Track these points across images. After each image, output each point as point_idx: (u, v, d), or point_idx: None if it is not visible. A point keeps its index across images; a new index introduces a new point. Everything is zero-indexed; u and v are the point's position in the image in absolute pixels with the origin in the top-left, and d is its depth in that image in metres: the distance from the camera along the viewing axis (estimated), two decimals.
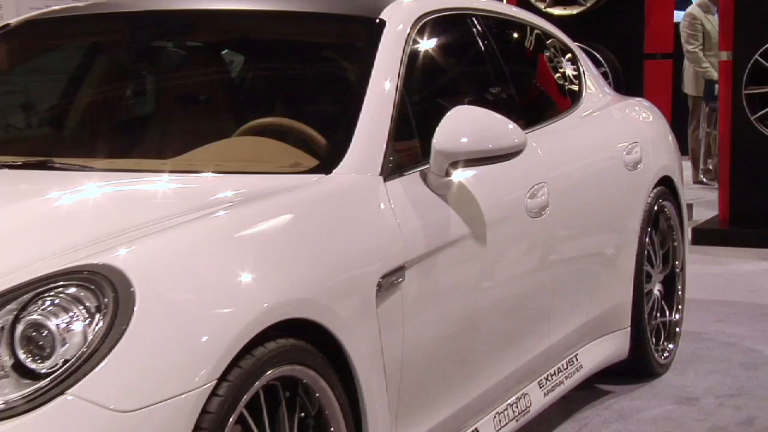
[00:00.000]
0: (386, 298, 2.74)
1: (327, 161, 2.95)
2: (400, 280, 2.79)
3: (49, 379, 2.03)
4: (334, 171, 2.89)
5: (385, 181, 2.92)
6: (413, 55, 3.31)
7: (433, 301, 2.96)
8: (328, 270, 2.58)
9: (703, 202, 8.58)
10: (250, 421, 2.31)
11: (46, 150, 3.33)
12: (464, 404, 3.17)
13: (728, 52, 7.55)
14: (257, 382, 2.29)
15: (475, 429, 3.24)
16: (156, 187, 2.85)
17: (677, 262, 4.72)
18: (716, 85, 9.18)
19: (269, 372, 2.33)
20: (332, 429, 2.54)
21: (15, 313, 2.10)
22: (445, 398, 3.07)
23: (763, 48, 7.27)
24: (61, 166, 3.03)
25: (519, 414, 3.49)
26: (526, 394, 3.57)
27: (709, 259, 6.86)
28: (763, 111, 7.36)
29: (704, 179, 9.78)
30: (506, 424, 3.41)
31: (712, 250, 7.12)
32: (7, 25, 3.81)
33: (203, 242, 2.41)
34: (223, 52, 3.78)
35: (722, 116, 7.70)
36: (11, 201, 2.78)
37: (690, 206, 5.87)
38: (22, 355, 2.06)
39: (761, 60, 7.30)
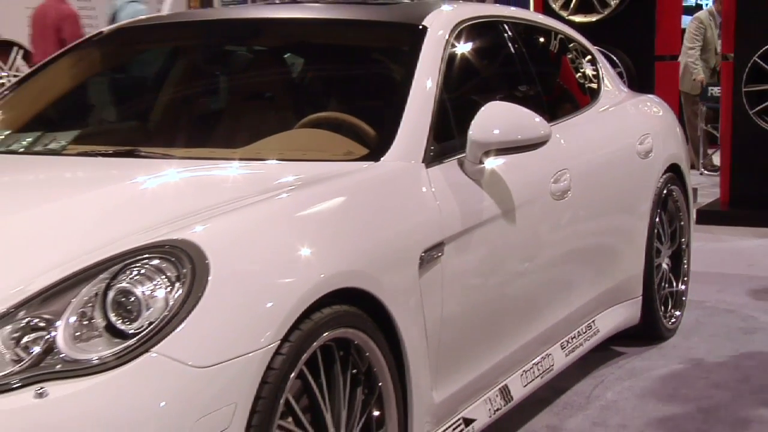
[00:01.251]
0: (427, 270, 2.73)
1: (376, 150, 2.93)
2: (440, 254, 2.78)
3: (136, 338, 2.04)
4: (382, 159, 2.88)
5: (426, 167, 2.91)
6: (451, 57, 3.29)
7: (468, 273, 2.95)
8: (376, 245, 2.57)
9: (706, 187, 8.53)
10: (309, 376, 2.31)
11: (133, 140, 3.35)
12: (495, 363, 3.16)
13: (729, 54, 7.53)
14: (315, 343, 2.30)
15: (505, 385, 3.23)
16: (227, 172, 2.86)
17: (683, 239, 4.68)
18: (709, 88, 9.26)
19: (325, 334, 2.33)
20: (380, 384, 2.54)
21: (107, 281, 2.11)
22: (479, 358, 3.06)
23: (761, 50, 7.20)
24: (145, 155, 3.04)
25: (543, 372, 3.48)
26: (550, 354, 3.55)
27: (711, 237, 6.80)
28: (760, 106, 7.31)
29: (705, 171, 9.67)
30: (532, 380, 3.39)
31: (714, 229, 7.06)
32: (101, 32, 3.84)
33: (268, 220, 2.41)
34: (285, 55, 3.77)
35: (724, 111, 7.68)
36: (104, 185, 2.80)
37: (695, 190, 5.84)
38: (113, 318, 2.07)
39: (759, 61, 7.24)
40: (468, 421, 2.98)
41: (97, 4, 9.52)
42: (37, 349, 2.02)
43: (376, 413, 2.54)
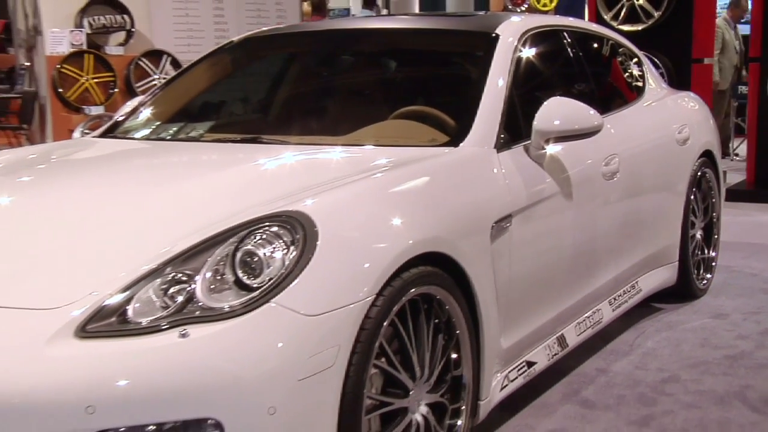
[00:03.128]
0: (497, 238, 2.69)
1: (455, 138, 2.90)
2: (508, 225, 2.74)
3: (258, 291, 2.05)
4: (460, 145, 2.84)
5: (497, 152, 2.87)
6: (519, 60, 3.23)
7: (532, 240, 2.90)
8: (455, 217, 2.54)
9: (735, 170, 8.31)
10: (399, 325, 2.30)
11: (257, 130, 3.36)
12: (553, 315, 3.11)
13: (757, 56, 7.31)
14: (404, 297, 2.28)
15: (562, 334, 3.19)
16: (332, 156, 2.85)
17: (714, 214, 4.55)
18: (738, 86, 9.09)
19: (412, 290, 2.31)
20: (457, 332, 2.52)
21: (235, 244, 2.13)
22: (539, 311, 3.02)
23: None
24: (266, 141, 3.06)
25: (594, 324, 3.42)
26: (600, 309, 3.49)
27: (738, 212, 6.64)
28: None
29: (736, 159, 9.38)
30: (584, 330, 3.34)
31: (741, 205, 6.90)
32: (231, 41, 3.87)
33: (366, 195, 2.39)
34: (381, 58, 3.75)
35: (751, 105, 7.46)
36: (232, 166, 2.82)
37: (725, 173, 5.70)
38: (240, 274, 2.08)
39: None
40: (530, 364, 2.95)
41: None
42: (180, 299, 2.05)
43: (453, 356, 2.52)
